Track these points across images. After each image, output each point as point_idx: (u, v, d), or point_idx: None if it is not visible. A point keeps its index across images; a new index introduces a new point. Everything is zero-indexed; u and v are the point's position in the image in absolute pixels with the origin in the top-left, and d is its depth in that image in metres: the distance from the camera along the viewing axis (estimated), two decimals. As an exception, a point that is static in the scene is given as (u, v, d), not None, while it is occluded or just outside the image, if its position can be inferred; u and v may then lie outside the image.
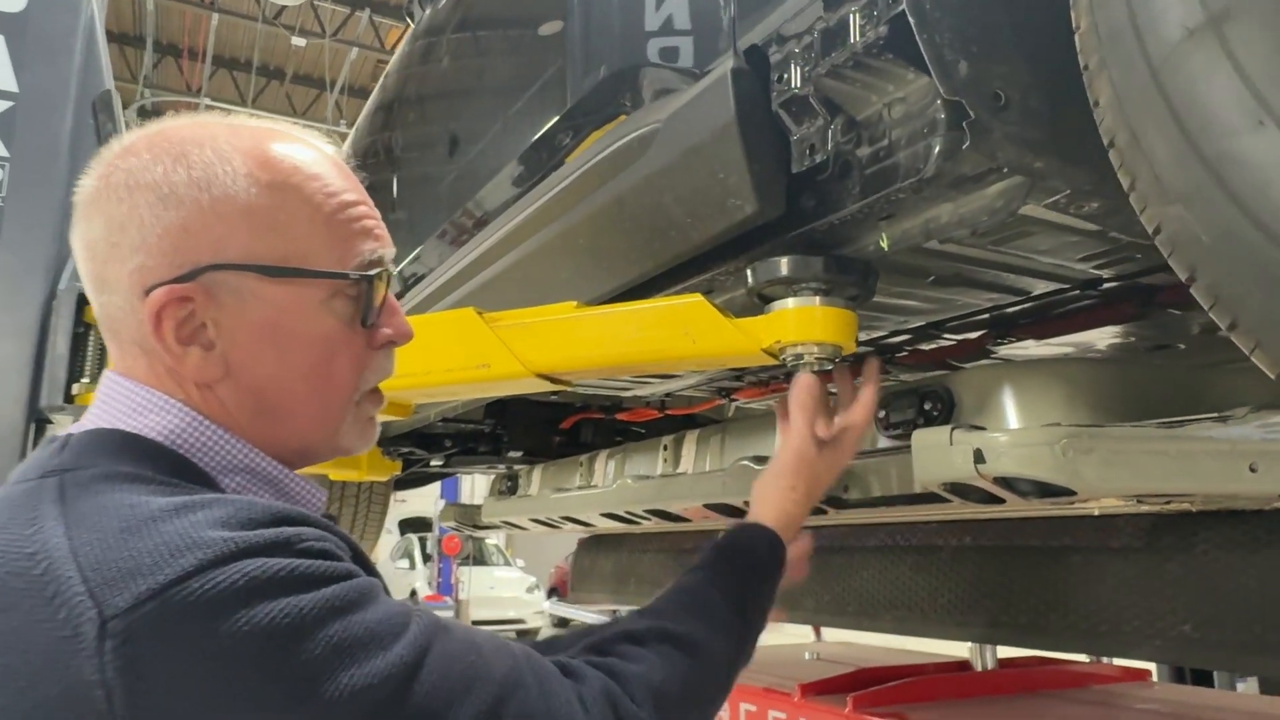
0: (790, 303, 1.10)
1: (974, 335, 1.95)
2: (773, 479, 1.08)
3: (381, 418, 1.62)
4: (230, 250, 0.68)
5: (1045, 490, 1.01)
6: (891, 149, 0.95)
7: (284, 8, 11.09)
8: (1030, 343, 1.95)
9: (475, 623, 11.95)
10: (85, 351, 1.89)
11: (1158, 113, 0.54)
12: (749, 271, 1.13)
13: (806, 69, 0.93)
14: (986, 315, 1.89)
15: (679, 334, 1.14)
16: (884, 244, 1.06)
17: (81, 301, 1.91)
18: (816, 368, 1.11)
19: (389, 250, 0.76)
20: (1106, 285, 1.66)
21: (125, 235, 0.67)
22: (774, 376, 2.24)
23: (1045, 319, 1.86)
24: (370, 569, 0.66)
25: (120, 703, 0.51)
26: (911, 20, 0.78)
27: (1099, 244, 1.49)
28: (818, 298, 1.09)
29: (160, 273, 0.66)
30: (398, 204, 2.35)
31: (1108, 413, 1.09)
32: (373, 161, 2.57)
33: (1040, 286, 1.69)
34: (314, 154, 0.74)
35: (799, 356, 1.09)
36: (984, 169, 0.90)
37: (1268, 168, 0.48)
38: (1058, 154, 0.81)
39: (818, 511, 1.32)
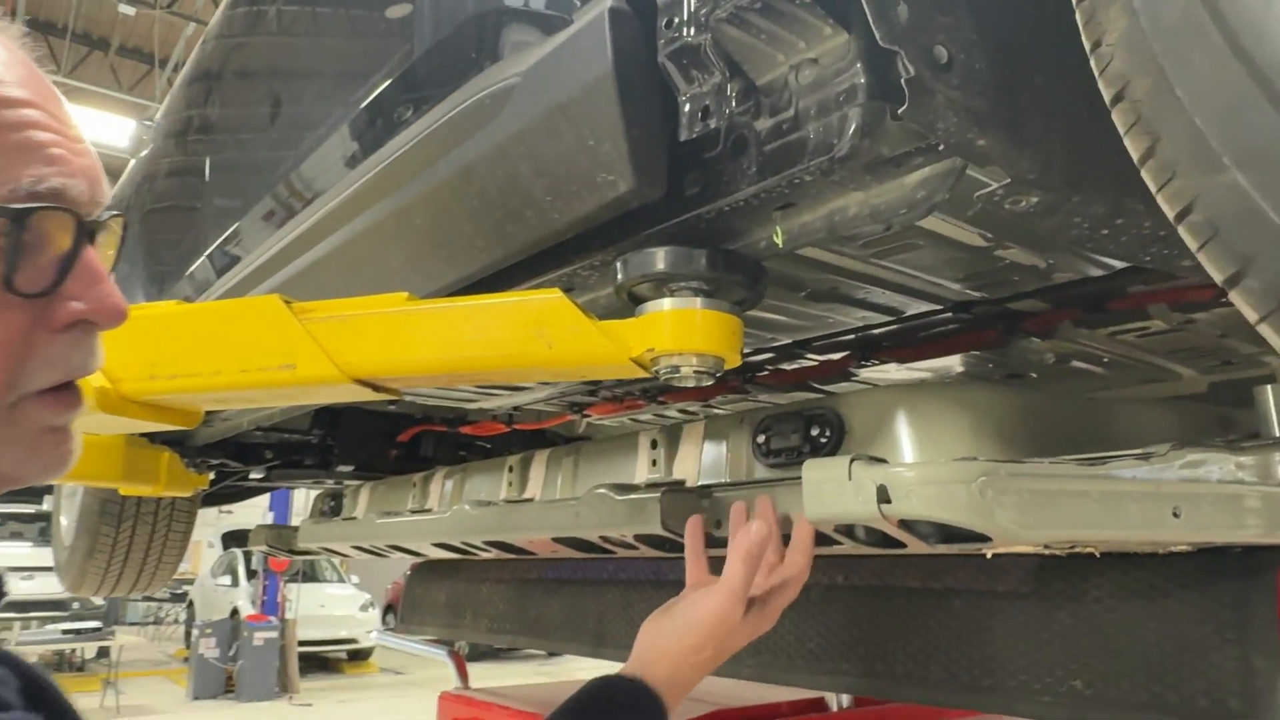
0: (666, 304, 0.92)
1: (837, 356, 1.86)
2: (676, 634, 0.89)
3: (166, 428, 1.33)
4: None
5: (952, 535, 0.87)
6: (798, 121, 0.78)
7: (112, -28, 10.12)
8: (891, 366, 1.88)
9: (303, 643, 11.22)
10: None
11: (1208, 46, 0.39)
12: (618, 265, 0.94)
13: (703, 11, 0.75)
14: (852, 336, 1.80)
15: (532, 337, 0.94)
16: (778, 239, 0.89)
17: None
18: (694, 382, 0.93)
19: (80, 184, 0.52)
20: (977, 309, 1.60)
21: None
22: (630, 392, 2.08)
23: (910, 342, 1.79)
24: (56, 703, 0.48)
25: None
26: (843, -56, 0.61)
27: (981, 263, 1.40)
28: (699, 299, 0.91)
29: None
30: (213, 183, 2.04)
31: (1014, 446, 0.97)
32: (191, 138, 2.24)
33: (913, 307, 1.61)
34: None
35: (675, 369, 0.91)
36: (906, 149, 0.75)
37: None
38: (1004, 130, 0.66)
39: (674, 546, 1.14)
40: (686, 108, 0.79)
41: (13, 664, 0.46)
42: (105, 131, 10.56)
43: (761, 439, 1.09)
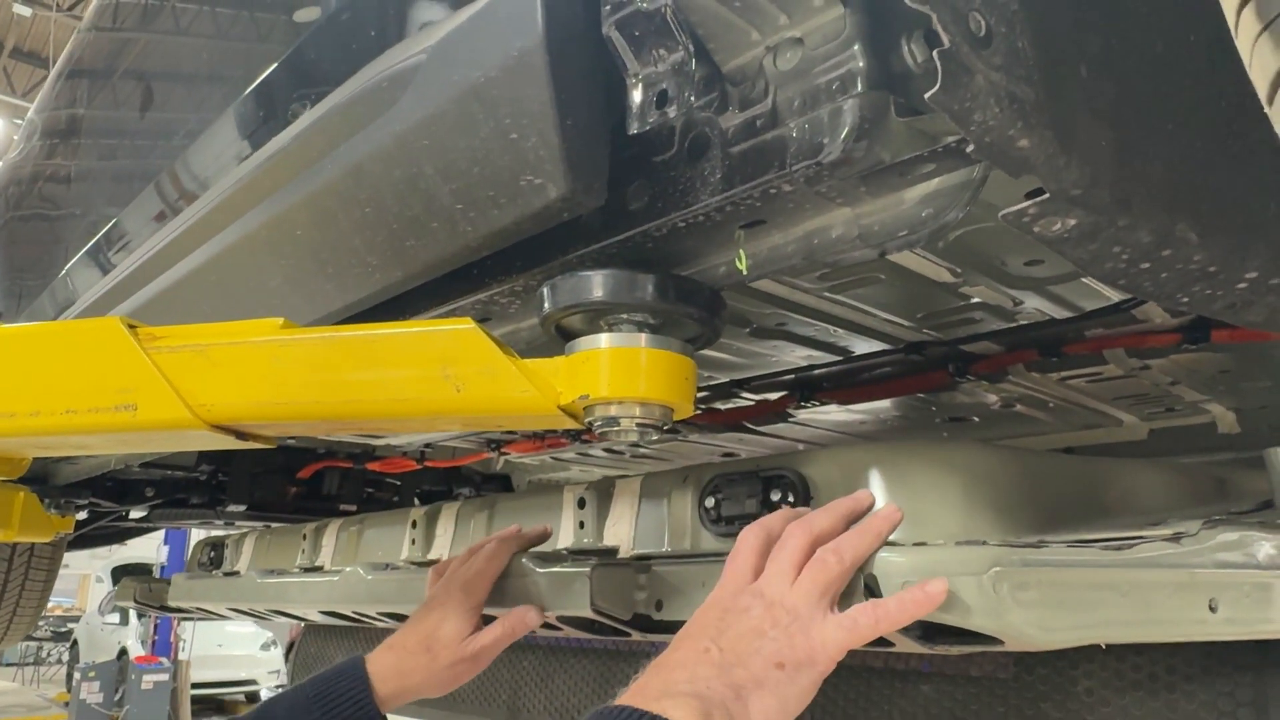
0: (604, 341, 0.74)
1: (775, 396, 1.74)
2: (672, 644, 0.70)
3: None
4: None
5: (946, 633, 0.70)
6: (775, 117, 0.62)
7: (9, -30, 9.54)
8: (832, 407, 1.76)
9: (197, 685, 10.54)
10: None
11: None
12: (545, 290, 0.76)
13: (662, -32, 0.59)
14: (792, 375, 1.68)
15: (436, 376, 0.75)
16: (742, 264, 0.73)
17: None
18: (637, 436, 0.76)
19: None
20: (929, 349, 1.49)
21: None
22: (552, 430, 1.91)
23: (853, 383, 1.67)
24: None
25: None
26: None
27: (945, 301, 1.29)
28: (644, 336, 0.74)
29: None
30: (79, 188, 1.79)
31: (1012, 518, 0.81)
32: (58, 138, 1.98)
33: (863, 346, 1.49)
34: None
35: (613, 421, 0.73)
36: (911, 155, 0.59)
37: None
38: (1052, 129, 0.51)
39: (614, 632, 0.96)
40: (638, 92, 0.61)
41: None
42: (-4, 137, 9.91)
43: (710, 502, 0.92)
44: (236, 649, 12.17)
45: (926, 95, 0.47)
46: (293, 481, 2.57)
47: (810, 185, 0.61)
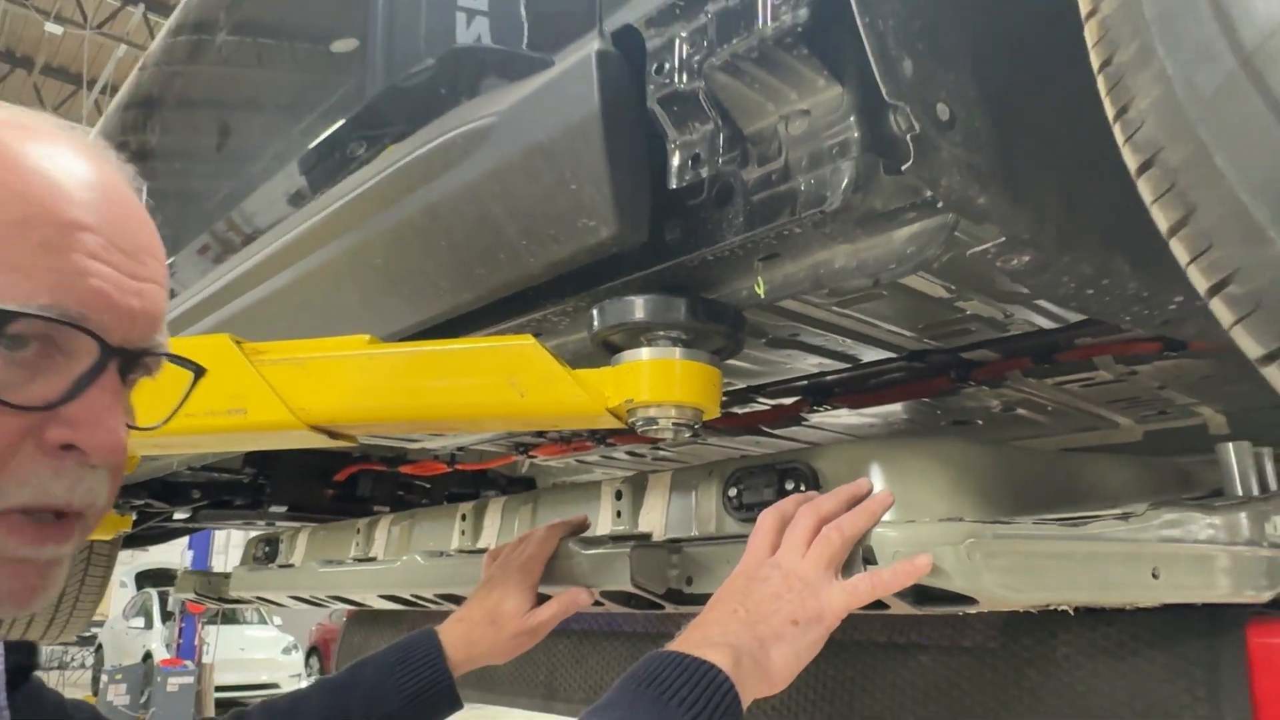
0: (644, 354, 0.89)
1: (789, 401, 1.86)
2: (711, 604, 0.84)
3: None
4: None
5: (934, 597, 0.84)
6: (787, 172, 0.77)
7: (40, -11, 9.81)
8: (843, 411, 1.89)
9: (221, 688, 10.73)
10: None
11: (1251, 116, 0.38)
12: (594, 312, 0.91)
13: (696, 58, 0.73)
14: (805, 381, 1.80)
15: (503, 384, 0.90)
16: (760, 290, 0.87)
17: None
18: (672, 434, 0.90)
19: (109, 318, 0.52)
20: (931, 357, 1.61)
21: None
22: (577, 433, 2.05)
23: (862, 388, 1.80)
24: None
25: None
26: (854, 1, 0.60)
27: (943, 314, 1.42)
28: (678, 349, 0.88)
29: None
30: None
31: (991, 502, 0.95)
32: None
33: (869, 354, 1.62)
34: (53, 153, 0.52)
35: (652, 421, 0.88)
36: (899, 205, 0.74)
37: None
38: (1004, 190, 0.65)
39: (651, 605, 1.10)
40: (676, 155, 0.76)
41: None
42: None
43: (733, 492, 1.06)
44: (258, 653, 12.36)
45: (902, 168, 0.62)
46: (329, 484, 2.71)
47: (816, 228, 0.76)
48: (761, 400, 1.87)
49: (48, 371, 0.51)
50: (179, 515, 2.88)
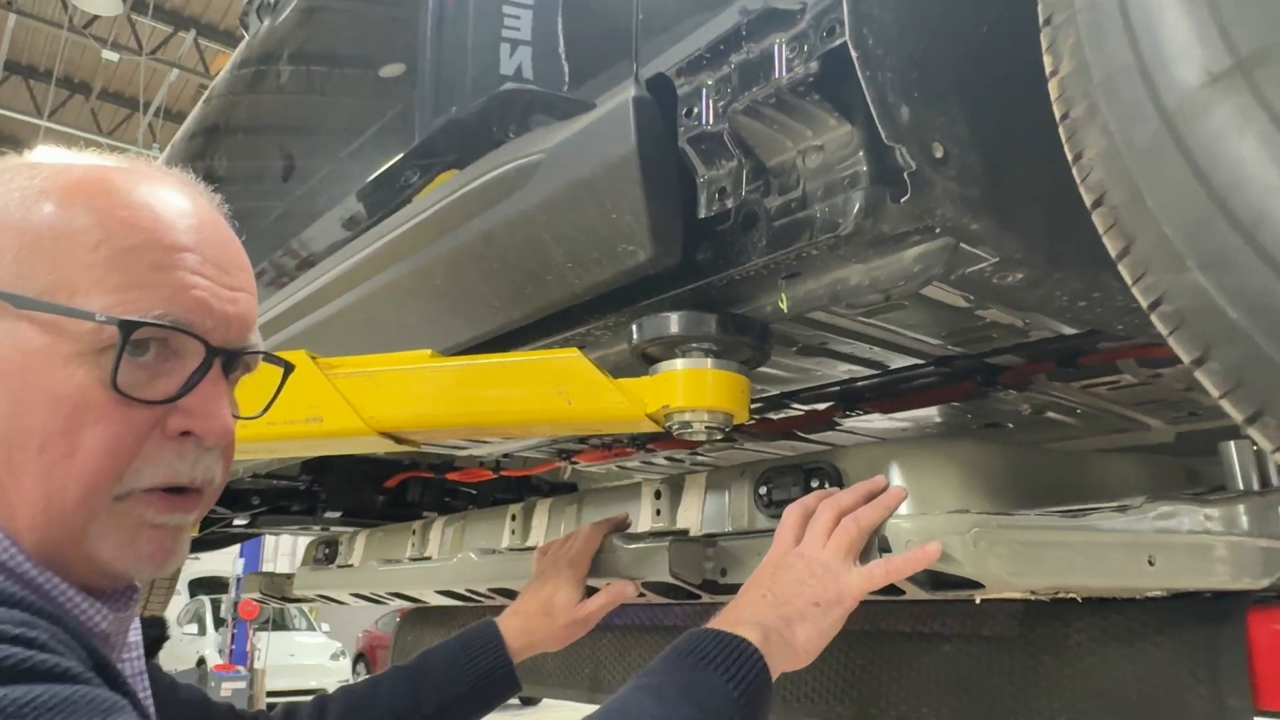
0: (679, 364, 0.98)
1: (822, 407, 1.94)
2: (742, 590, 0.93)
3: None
4: None
5: (946, 582, 0.93)
6: (805, 201, 0.86)
7: (96, 18, 10.18)
8: (875, 416, 1.96)
9: (272, 694, 10.99)
10: None
11: (1170, 165, 0.47)
12: (634, 327, 1.01)
13: (720, 104, 0.83)
14: (837, 388, 1.88)
15: (552, 394, 1.00)
16: (783, 305, 0.97)
17: None
18: (705, 437, 1.00)
19: (212, 324, 0.62)
20: (956, 362, 1.68)
21: None
22: (617, 439, 2.14)
23: (892, 393, 1.87)
24: (119, 683, 0.52)
25: None
26: (854, 54, 0.69)
27: (963, 321, 1.49)
28: (709, 360, 0.98)
29: None
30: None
31: (999, 497, 1.03)
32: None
33: (897, 360, 1.69)
34: (151, 189, 0.63)
35: (687, 424, 0.98)
36: (906, 229, 0.82)
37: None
38: (994, 216, 0.74)
39: (689, 595, 1.19)
40: (704, 191, 0.86)
41: (79, 634, 0.52)
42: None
43: (763, 490, 1.15)
44: (308, 659, 12.61)
45: (902, 200, 0.71)
46: (380, 490, 2.82)
47: (832, 250, 0.85)
48: (796, 406, 1.95)
49: (165, 372, 0.61)
50: (239, 521, 3.01)
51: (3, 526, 0.56)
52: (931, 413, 2.01)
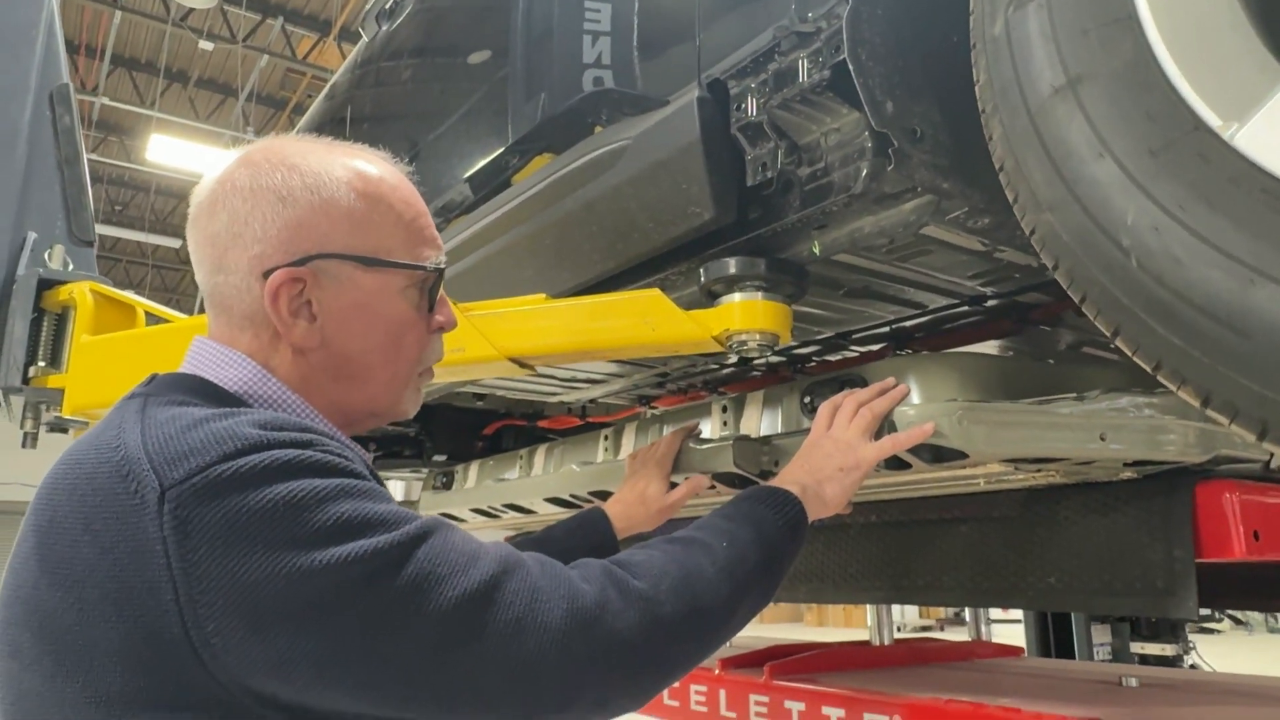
0: (736, 297, 1.29)
1: (876, 348, 2.20)
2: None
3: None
4: (334, 243, 0.84)
5: (941, 455, 1.22)
6: (827, 170, 1.16)
7: (192, 10, 10.83)
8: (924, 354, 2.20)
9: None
10: (40, 336, 1.92)
11: (1034, 145, 0.75)
12: (701, 270, 1.32)
13: (761, 101, 1.13)
14: (887, 329, 2.14)
15: (640, 323, 1.32)
16: (816, 249, 1.27)
17: (41, 287, 1.94)
18: (758, 353, 1.31)
19: (443, 255, 0.94)
20: (990, 302, 1.93)
21: (248, 227, 0.82)
22: (693, 384, 2.44)
23: (937, 332, 2.12)
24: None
25: (174, 555, 0.65)
26: (851, 67, 0.98)
27: (984, 263, 1.75)
28: (760, 293, 1.29)
29: (277, 258, 0.82)
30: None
31: (991, 395, 1.32)
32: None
33: (935, 301, 1.95)
34: (395, 173, 0.92)
35: (743, 343, 1.29)
36: (902, 189, 1.12)
37: (1105, 186, 0.70)
38: (960, 178, 1.03)
39: (750, 484, 1.51)
40: (752, 164, 1.17)
41: (365, 461, 0.81)
42: (185, 158, 11.37)
43: (807, 399, 1.46)
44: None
45: (888, 169, 1.00)
46: (479, 437, 3.17)
47: (848, 206, 1.15)
48: (853, 348, 2.23)
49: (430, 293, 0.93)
50: (358, 464, 3.38)
51: (337, 402, 0.87)
52: (980, 350, 2.25)
